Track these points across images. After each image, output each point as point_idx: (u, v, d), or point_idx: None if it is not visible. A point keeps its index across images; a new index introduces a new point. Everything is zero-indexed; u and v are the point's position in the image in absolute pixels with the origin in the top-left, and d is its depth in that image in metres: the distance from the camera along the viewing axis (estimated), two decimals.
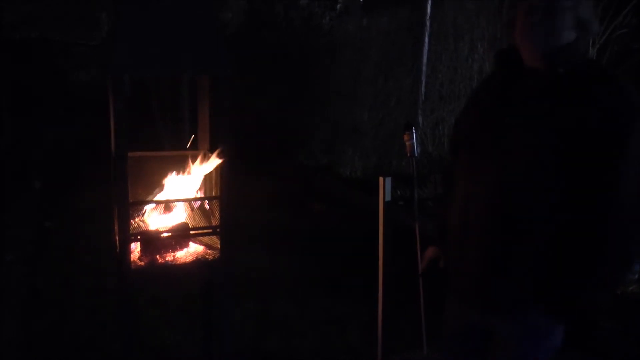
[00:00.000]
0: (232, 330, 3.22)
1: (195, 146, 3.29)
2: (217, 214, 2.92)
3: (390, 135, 7.94)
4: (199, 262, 2.86)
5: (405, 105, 7.93)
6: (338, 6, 9.63)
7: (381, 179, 3.28)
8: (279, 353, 4.03)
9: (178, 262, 2.83)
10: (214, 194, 3.04)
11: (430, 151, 6.96)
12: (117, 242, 2.75)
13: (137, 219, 2.99)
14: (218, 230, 2.85)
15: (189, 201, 3.01)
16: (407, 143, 3.33)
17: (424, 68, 7.48)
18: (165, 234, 2.84)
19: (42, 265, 5.40)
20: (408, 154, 3.35)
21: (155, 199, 3.00)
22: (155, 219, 3.00)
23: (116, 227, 2.77)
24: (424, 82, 7.50)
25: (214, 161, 2.85)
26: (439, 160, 6.80)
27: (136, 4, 2.72)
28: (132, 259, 2.75)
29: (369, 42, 8.63)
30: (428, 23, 7.41)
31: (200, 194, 3.13)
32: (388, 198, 3.30)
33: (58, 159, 8.64)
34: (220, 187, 2.82)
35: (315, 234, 6.42)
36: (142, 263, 2.79)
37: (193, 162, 3.06)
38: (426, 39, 7.42)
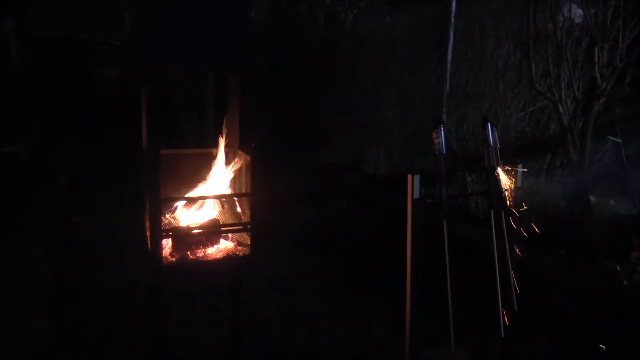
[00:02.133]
0: (258, 326, 3.25)
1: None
2: (247, 211, 2.94)
3: (414, 132, 7.90)
4: (229, 259, 2.88)
5: (430, 102, 7.89)
6: (361, 4, 9.61)
7: (409, 176, 3.27)
8: (306, 350, 4.05)
9: (209, 258, 2.86)
10: (243, 191, 3.06)
11: (455, 148, 6.91)
12: (149, 238, 2.78)
13: (168, 216, 3.02)
14: (248, 227, 2.88)
15: (220, 198, 3.03)
16: (436, 141, 3.31)
17: (448, 65, 7.43)
18: (196, 231, 2.87)
19: (70, 259, 5.49)
20: (437, 152, 3.33)
21: (186, 195, 3.03)
22: (186, 216, 3.03)
23: (147, 223, 2.80)
24: (448, 80, 7.44)
25: (244, 159, 2.87)
26: (464, 158, 6.75)
27: (165, 3, 2.75)
28: (163, 255, 2.79)
29: (393, 39, 8.59)
30: (453, 20, 7.35)
31: (230, 191, 3.15)
32: (417, 195, 3.29)
33: (83, 155, 8.76)
34: (251, 184, 2.84)
35: (341, 232, 6.44)
36: (174, 259, 2.82)
37: (223, 159, 3.09)
38: (451, 36, 7.37)
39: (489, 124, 3.44)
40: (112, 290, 4.77)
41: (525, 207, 3.45)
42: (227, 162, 3.11)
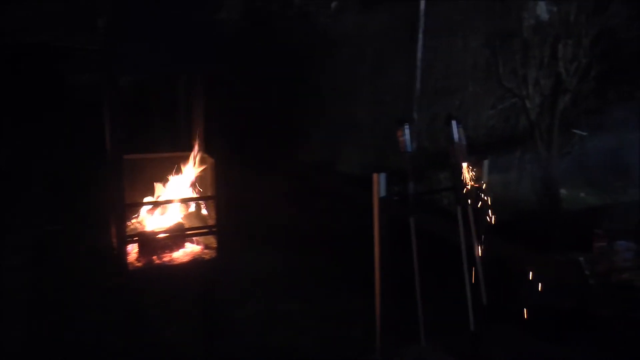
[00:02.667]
0: (234, 327, 3.26)
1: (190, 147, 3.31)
2: (212, 213, 2.96)
3: (388, 131, 7.94)
4: (196, 262, 2.89)
5: (402, 101, 7.94)
6: (333, 4, 9.64)
7: (375, 175, 3.31)
8: (283, 349, 4.06)
9: (175, 262, 2.87)
10: (210, 194, 3.07)
11: (427, 146, 6.99)
12: (115, 244, 2.78)
13: (134, 221, 3.03)
14: (214, 229, 2.89)
15: (183, 202, 3.04)
16: (401, 139, 3.36)
17: (418, 64, 7.50)
18: (161, 235, 2.87)
19: (45, 269, 5.44)
20: (402, 150, 3.37)
21: (151, 200, 3.03)
22: (152, 220, 3.03)
23: (113, 229, 2.80)
24: (419, 79, 7.51)
25: (206, 161, 2.88)
26: (436, 155, 6.82)
27: (133, 7, 2.75)
28: (130, 260, 2.79)
29: (364, 39, 8.62)
30: (422, 19, 7.42)
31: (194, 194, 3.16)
32: (383, 194, 3.33)
33: (58, 163, 8.66)
34: (216, 187, 2.86)
35: (317, 231, 6.45)
36: (140, 264, 2.82)
37: (186, 163, 3.10)
38: (420, 35, 7.44)
39: (453, 122, 3.49)
40: (87, 298, 4.72)
41: (491, 202, 3.49)
42: (193, 165, 3.12)
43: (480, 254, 3.41)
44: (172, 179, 3.11)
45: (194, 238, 3.03)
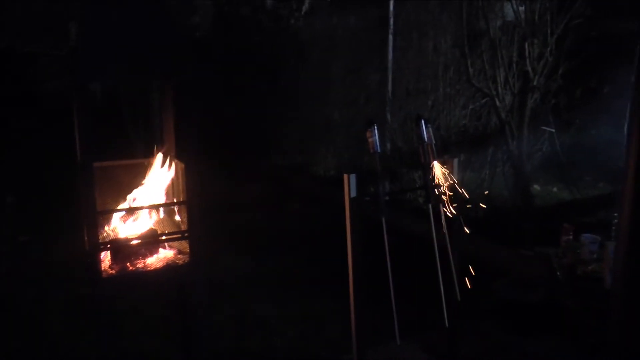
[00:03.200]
0: (210, 332, 3.26)
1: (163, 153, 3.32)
2: (184, 219, 2.97)
3: (362, 132, 7.98)
4: (169, 268, 2.90)
5: (375, 102, 8.01)
6: (304, 7, 9.68)
7: (346, 176, 3.34)
8: (260, 352, 4.08)
9: (149, 269, 2.87)
10: (182, 199, 3.08)
11: (400, 146, 7.05)
12: (87, 252, 2.78)
13: (107, 228, 3.03)
14: (186, 235, 2.90)
15: (155, 208, 3.05)
16: (370, 140, 3.40)
17: (389, 65, 7.57)
18: (134, 242, 2.88)
19: (18, 279, 5.39)
20: (371, 151, 3.41)
21: (123, 206, 3.03)
22: (125, 227, 3.04)
23: (85, 238, 2.80)
24: (390, 80, 7.59)
25: (176, 166, 2.90)
26: (410, 155, 6.89)
27: (101, 13, 2.76)
28: (103, 268, 2.79)
29: (336, 41, 8.69)
30: (391, 21, 7.50)
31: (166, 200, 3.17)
32: (353, 194, 3.36)
33: (30, 171, 8.57)
34: (187, 192, 2.87)
35: (292, 234, 6.48)
36: (113, 271, 2.82)
37: (159, 169, 3.10)
38: (390, 36, 7.52)
39: (422, 121, 3.54)
40: (62, 308, 4.70)
41: (464, 199, 3.55)
42: (163, 171, 3.13)
43: (452, 251, 3.47)
44: (145, 185, 3.11)
45: (167, 244, 3.03)
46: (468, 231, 3.52)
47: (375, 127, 3.40)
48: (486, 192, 3.55)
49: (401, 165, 6.94)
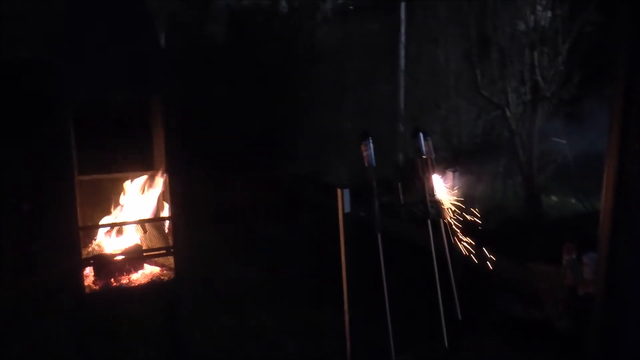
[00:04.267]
0: (202, 345, 3.20)
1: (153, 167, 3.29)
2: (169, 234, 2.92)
3: (374, 142, 7.91)
4: (154, 284, 2.86)
5: (387, 112, 7.93)
6: (320, 16, 9.66)
7: (339, 190, 3.26)
8: None
9: (133, 285, 2.83)
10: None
11: (412, 157, 6.94)
12: (71, 268, 2.75)
13: (93, 243, 3.00)
14: (172, 250, 2.85)
15: (140, 223, 3.00)
16: (365, 154, 3.32)
17: (401, 75, 7.50)
18: (118, 257, 2.84)
19: (25, 289, 5.39)
20: (366, 164, 3.34)
21: (107, 222, 3.00)
22: (110, 242, 3.00)
23: (69, 252, 2.77)
24: (402, 89, 7.51)
25: (160, 181, 2.86)
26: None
27: (80, 28, 2.74)
28: (87, 284, 2.76)
29: (348, 50, 8.64)
30: (403, 30, 7.42)
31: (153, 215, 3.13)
32: (348, 209, 3.28)
33: (45, 180, 8.62)
34: (172, 207, 2.82)
35: (299, 244, 6.41)
36: (97, 287, 2.79)
37: (147, 182, 3.07)
38: (402, 47, 7.44)
39: (420, 134, 3.46)
40: (44, 323, 4.65)
41: (469, 212, 3.47)
42: (153, 185, 3.09)
43: (451, 265, 3.38)
44: (132, 199, 3.08)
45: (153, 259, 2.99)
46: (473, 243, 3.44)
47: (370, 140, 3.32)
48: (475, 210, 3.43)
49: (414, 176, 6.84)
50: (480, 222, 3.75)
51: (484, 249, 3.62)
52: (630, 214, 2.10)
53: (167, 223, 3.12)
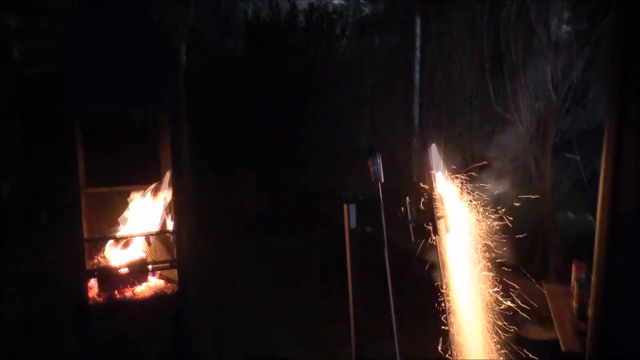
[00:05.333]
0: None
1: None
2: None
3: (388, 158, 7.89)
4: (157, 297, 2.87)
5: (402, 127, 7.90)
6: (337, 31, 9.70)
7: (345, 206, 3.24)
8: None
9: (137, 297, 2.84)
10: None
11: (420, 174, 6.91)
12: (74, 279, 2.77)
13: (98, 255, 3.02)
14: (175, 263, 2.86)
15: (144, 236, 3.02)
16: (371, 169, 3.30)
17: (416, 91, 7.48)
18: (122, 270, 2.86)
19: (41, 298, 5.44)
20: (372, 179, 3.32)
21: (111, 235, 3.02)
22: (116, 255, 3.02)
23: (74, 265, 2.79)
24: (417, 104, 7.49)
25: (165, 194, 2.87)
26: None
27: (89, 40, 2.78)
28: (91, 295, 2.78)
29: (365, 66, 8.66)
30: (418, 45, 7.42)
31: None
32: (353, 225, 3.26)
33: (65, 192, 8.71)
34: (175, 221, 2.83)
35: (314, 259, 6.40)
36: (101, 299, 2.81)
37: (153, 195, 3.09)
38: (417, 62, 7.44)
39: (430, 149, 3.43)
40: (48, 334, 4.69)
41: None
42: (160, 197, 3.11)
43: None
44: (139, 211, 3.10)
45: (158, 272, 3.00)
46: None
47: (377, 155, 3.30)
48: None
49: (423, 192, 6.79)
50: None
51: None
52: (625, 232, 2.05)
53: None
